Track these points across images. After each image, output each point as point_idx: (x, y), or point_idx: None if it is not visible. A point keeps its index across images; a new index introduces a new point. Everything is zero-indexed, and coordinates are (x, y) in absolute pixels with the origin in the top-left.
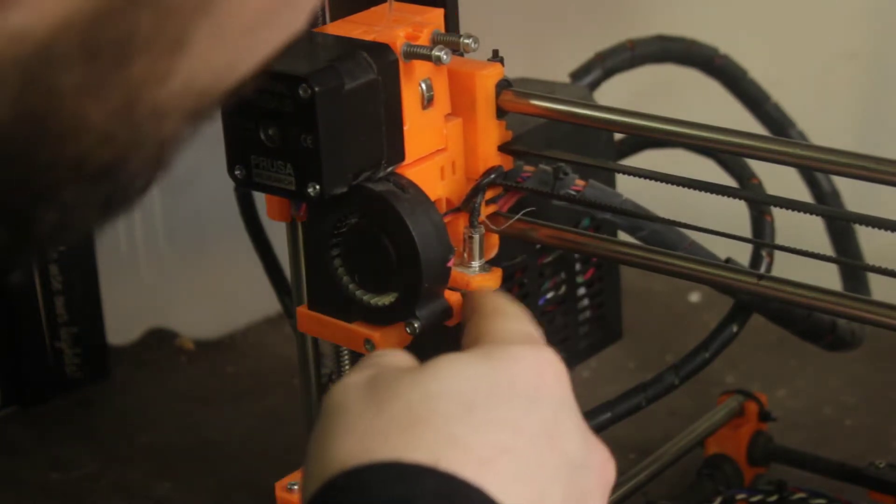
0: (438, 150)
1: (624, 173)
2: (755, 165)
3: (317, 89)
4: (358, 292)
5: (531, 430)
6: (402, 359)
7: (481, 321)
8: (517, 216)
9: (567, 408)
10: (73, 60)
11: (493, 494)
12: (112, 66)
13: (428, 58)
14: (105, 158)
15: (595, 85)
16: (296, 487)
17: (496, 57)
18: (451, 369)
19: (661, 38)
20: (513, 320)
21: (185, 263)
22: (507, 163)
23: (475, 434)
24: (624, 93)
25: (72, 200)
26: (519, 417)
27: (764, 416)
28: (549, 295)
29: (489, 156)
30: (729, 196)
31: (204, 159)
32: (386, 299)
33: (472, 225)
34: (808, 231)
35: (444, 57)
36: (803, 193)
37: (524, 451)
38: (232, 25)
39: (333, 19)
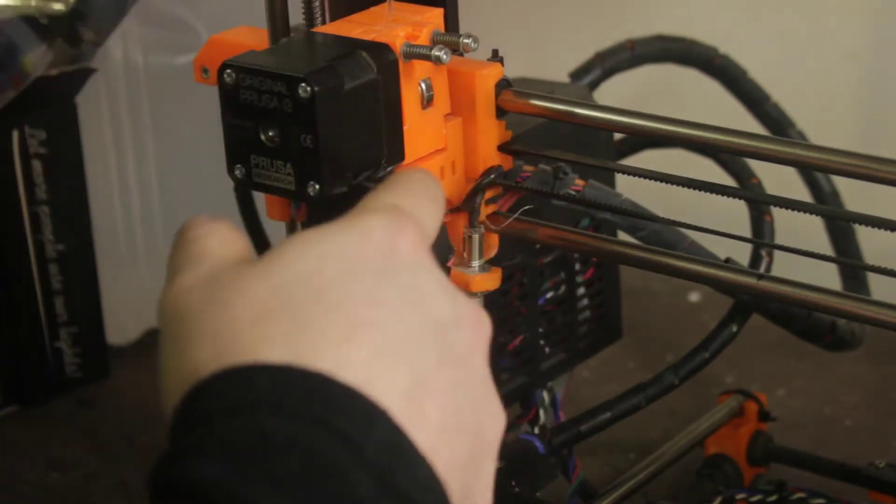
0: (438, 149)
1: (624, 173)
2: (755, 165)
3: (316, 89)
4: None
5: (389, 300)
6: (237, 247)
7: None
8: (516, 215)
9: (426, 270)
10: None
11: (356, 377)
12: None
13: (428, 57)
14: None
15: (595, 85)
16: None
17: (496, 57)
18: (296, 252)
19: (661, 38)
20: (387, 192)
21: None
22: (506, 163)
23: (329, 315)
24: (624, 93)
25: None
26: (374, 289)
27: (764, 416)
28: (549, 295)
29: (489, 156)
30: (729, 196)
31: (204, 159)
32: None
33: (471, 225)
34: (807, 231)
35: (444, 57)
36: (803, 193)
37: (385, 323)
38: None
39: (333, 19)
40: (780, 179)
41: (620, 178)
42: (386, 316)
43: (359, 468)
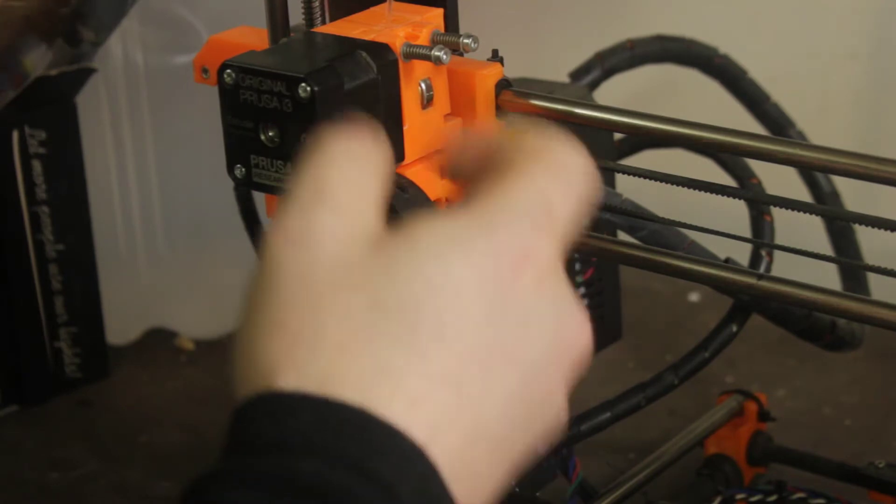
0: (438, 149)
1: (624, 173)
2: (755, 165)
3: (316, 89)
4: None
5: (486, 349)
6: (372, 204)
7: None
8: None
9: (543, 305)
10: None
11: (419, 435)
12: None
13: (427, 58)
14: None
15: (595, 85)
16: None
17: (496, 57)
18: (418, 262)
19: (661, 38)
20: (543, 170)
21: (185, 263)
22: None
23: (414, 363)
24: (624, 93)
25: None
26: (475, 334)
27: (763, 415)
28: None
29: None
30: (729, 196)
31: (204, 159)
32: None
33: None
34: (807, 231)
35: (444, 57)
36: (803, 193)
37: (470, 381)
38: None
39: (333, 19)
40: (780, 179)
41: (620, 178)
42: (474, 372)
43: None
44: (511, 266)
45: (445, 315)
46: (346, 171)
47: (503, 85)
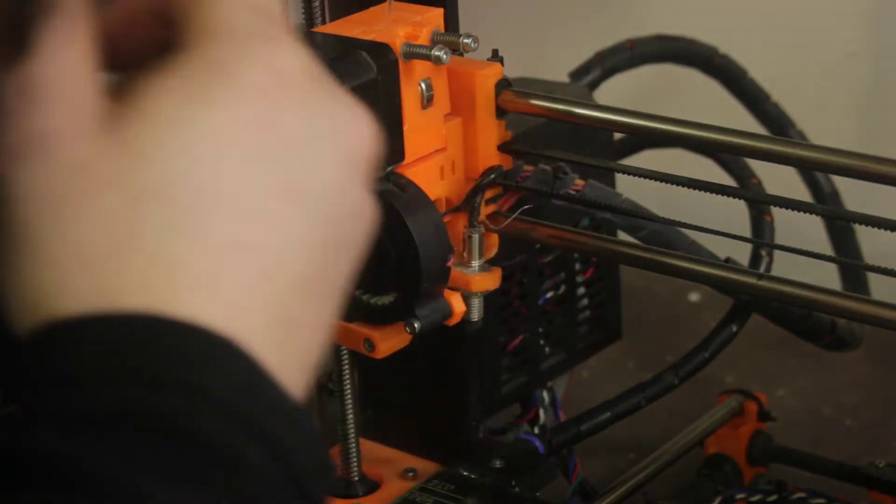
0: (438, 149)
1: (624, 173)
2: (755, 165)
3: None
4: (357, 292)
5: (265, 198)
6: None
7: None
8: (515, 215)
9: (307, 119)
10: None
11: (217, 320)
12: None
13: (427, 57)
14: None
15: (595, 84)
16: None
17: (496, 56)
18: (160, 137)
19: (661, 38)
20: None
21: None
22: (506, 162)
23: (193, 247)
24: (624, 93)
25: None
26: (248, 193)
27: (763, 415)
28: (549, 294)
29: (489, 155)
30: (729, 196)
31: None
32: (385, 299)
33: (471, 224)
34: (807, 231)
35: (444, 56)
36: (803, 193)
37: (261, 239)
38: None
39: (333, 19)
40: (780, 179)
41: (620, 178)
42: (263, 225)
43: (208, 416)
44: (264, 95)
45: (212, 180)
46: (56, 59)
47: (503, 85)
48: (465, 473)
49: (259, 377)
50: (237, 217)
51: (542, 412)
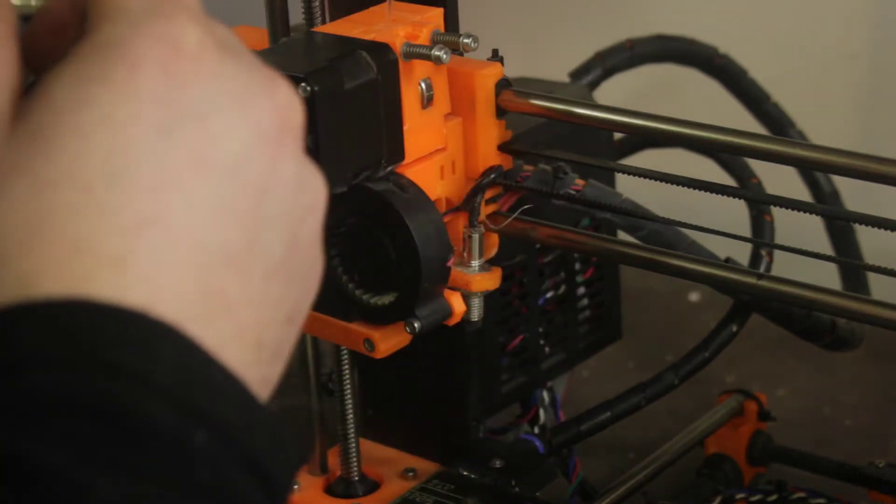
0: (438, 149)
1: (624, 173)
2: (755, 165)
3: (316, 89)
4: (357, 292)
5: (174, 173)
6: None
7: None
8: (515, 215)
9: (214, 91)
10: None
11: (138, 297)
12: None
13: (428, 57)
14: None
15: (595, 84)
16: (296, 487)
17: (496, 56)
18: (57, 127)
19: (661, 38)
20: None
21: None
22: (506, 162)
23: (99, 226)
24: (624, 93)
25: None
26: (154, 167)
27: (763, 415)
28: (549, 294)
29: (489, 155)
30: (729, 196)
31: None
32: (385, 299)
33: (471, 224)
34: (807, 231)
35: (444, 56)
36: (803, 193)
37: (170, 212)
38: None
39: (333, 19)
40: (780, 179)
41: (620, 178)
42: (172, 201)
43: (149, 400)
44: (162, 71)
45: (114, 158)
46: None
47: (503, 84)
48: (465, 473)
49: (191, 354)
50: (143, 193)
51: (542, 412)
